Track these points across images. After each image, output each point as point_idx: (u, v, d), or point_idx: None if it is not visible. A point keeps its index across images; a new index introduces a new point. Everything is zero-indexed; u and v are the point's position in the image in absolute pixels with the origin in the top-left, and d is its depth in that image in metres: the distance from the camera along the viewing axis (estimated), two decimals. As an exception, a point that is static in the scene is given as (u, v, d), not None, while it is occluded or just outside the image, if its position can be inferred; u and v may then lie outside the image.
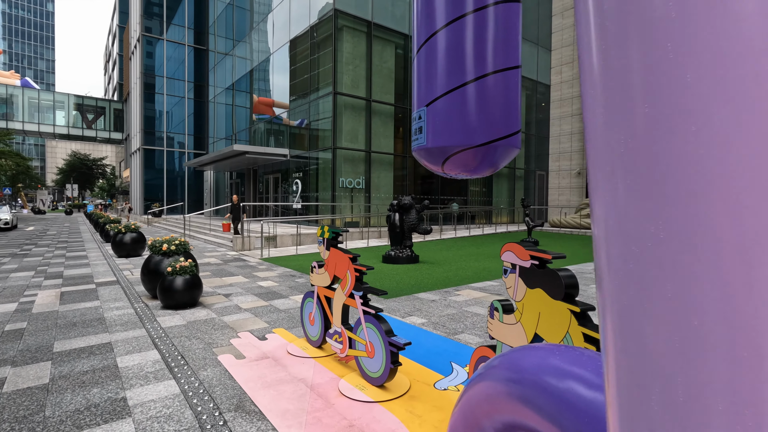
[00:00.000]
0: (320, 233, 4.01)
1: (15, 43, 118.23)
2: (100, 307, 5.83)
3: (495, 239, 15.46)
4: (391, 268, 9.08)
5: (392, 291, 6.82)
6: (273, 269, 9.05)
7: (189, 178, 33.08)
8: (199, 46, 32.82)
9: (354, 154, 16.67)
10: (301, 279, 7.91)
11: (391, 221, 9.80)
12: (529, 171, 24.76)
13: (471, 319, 5.16)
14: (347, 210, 16.55)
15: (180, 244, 6.35)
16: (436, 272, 8.57)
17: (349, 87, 16.48)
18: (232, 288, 7.04)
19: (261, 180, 22.68)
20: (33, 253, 11.88)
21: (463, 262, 10.02)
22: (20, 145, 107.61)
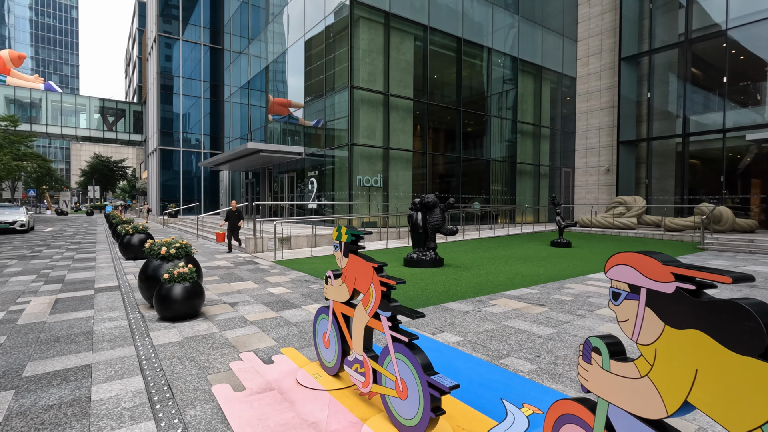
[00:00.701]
0: (336, 235, 3.24)
1: (41, 49, 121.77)
2: (92, 317, 5.21)
3: (521, 240, 14.49)
4: (413, 272, 8.29)
5: (418, 300, 6.03)
6: (286, 273, 8.36)
7: (205, 179, 32.93)
8: (214, 45, 32.63)
9: (371, 151, 15.93)
10: (316, 285, 7.19)
11: (414, 221, 9.00)
12: (554, 168, 23.60)
13: (515, 337, 4.33)
14: (364, 209, 15.82)
15: (181, 247, 5.70)
16: (465, 277, 7.74)
17: (366, 81, 15.75)
18: (240, 296, 6.36)
19: (276, 179, 22.17)
20: (42, 255, 11.50)
21: (492, 265, 9.16)
22: (46, 148, 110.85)
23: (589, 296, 6.25)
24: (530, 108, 22.07)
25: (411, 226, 9.11)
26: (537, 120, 22.36)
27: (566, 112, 24.08)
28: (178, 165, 32.18)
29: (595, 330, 4.59)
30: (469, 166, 19.62)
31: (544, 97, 22.80)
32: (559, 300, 6.00)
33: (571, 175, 24.29)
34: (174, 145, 32.16)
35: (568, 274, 8.07)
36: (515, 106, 21.18)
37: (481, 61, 19.97)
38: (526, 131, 21.85)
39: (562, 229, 12.69)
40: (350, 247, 3.08)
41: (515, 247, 12.53)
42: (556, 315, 5.19)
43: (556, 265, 9.27)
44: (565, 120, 24.05)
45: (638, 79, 20.74)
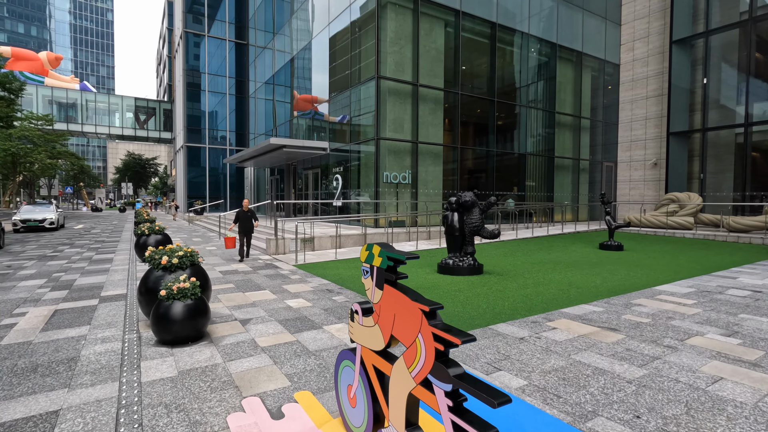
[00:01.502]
0: (366, 257, 2.33)
1: (79, 51, 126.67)
2: (85, 337, 4.53)
3: (564, 241, 13.23)
4: (450, 281, 7.32)
5: (460, 318, 5.07)
6: (307, 280, 7.55)
7: (231, 176, 32.83)
8: (239, 41, 32.36)
9: (399, 145, 14.98)
10: (340, 296, 6.33)
11: (449, 223, 8.02)
12: (594, 162, 21.96)
13: (596, 382, 3.32)
14: (392, 207, 14.90)
15: (185, 256, 4.95)
16: (510, 289, 6.71)
17: (393, 71, 14.78)
18: (254, 310, 5.58)
19: (300, 176, 21.56)
20: (62, 256, 11.18)
21: (538, 273, 8.07)
22: (85, 147, 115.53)
23: (669, 317, 5.12)
24: (569, 98, 20.52)
25: (446, 228, 8.13)
26: (576, 111, 20.80)
27: (608, 102, 22.36)
28: (204, 162, 32.19)
29: (699, 374, 3.52)
30: (503, 160, 18.36)
31: (585, 85, 21.18)
32: (634, 323, 4.91)
33: (613, 169, 22.58)
34: (200, 141, 32.16)
35: (632, 286, 6.90)
36: (553, 96, 19.71)
37: (517, 47, 18.62)
38: (564, 123, 20.34)
39: (613, 230, 11.39)
40: (386, 276, 2.17)
41: (559, 250, 11.33)
42: (639, 346, 4.13)
43: (613, 273, 8.08)
44: (607, 111, 22.33)
45: (692, 64, 18.87)
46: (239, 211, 10.01)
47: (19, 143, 26.10)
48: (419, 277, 7.73)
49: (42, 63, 51.07)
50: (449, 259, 7.98)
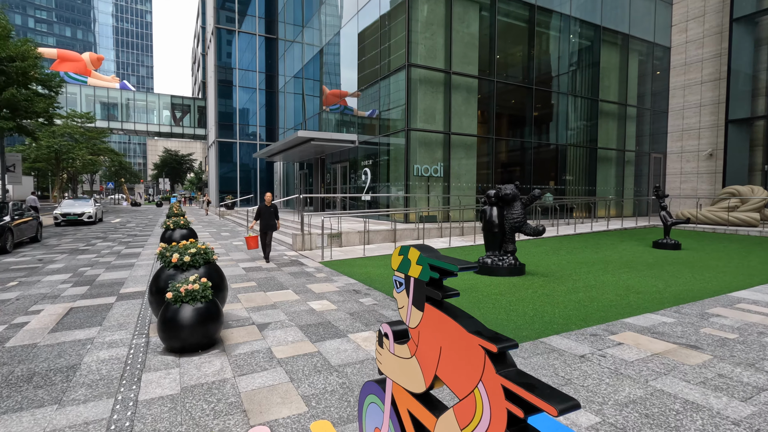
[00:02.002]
0: (399, 263, 1.72)
1: (121, 53, 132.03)
2: (92, 340, 4.18)
3: (611, 238, 12.16)
4: (489, 283, 6.62)
5: (504, 328, 4.41)
6: (333, 279, 7.05)
7: (261, 171, 33.02)
8: (269, 35, 32.35)
9: (430, 136, 14.26)
10: (368, 298, 5.77)
11: (487, 218, 7.30)
12: (641, 153, 20.41)
13: (692, 422, 2.59)
14: (422, 202, 14.23)
15: (198, 253, 4.52)
16: (559, 293, 5.95)
17: (425, 58, 14.05)
18: (274, 312, 5.11)
19: (329, 170, 21.20)
20: (92, 250, 11.22)
21: (588, 274, 7.23)
22: (126, 144, 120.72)
23: (760, 332, 4.26)
24: (614, 84, 19.09)
25: (483, 224, 7.41)
26: (622, 98, 19.34)
27: (657, 89, 20.70)
28: (235, 157, 32.51)
29: (830, 413, 2.72)
30: (540, 152, 17.27)
31: (631, 71, 19.65)
32: (718, 339, 4.08)
33: (661, 161, 20.95)
34: (231, 137, 32.48)
35: (702, 292, 5.98)
36: (596, 83, 18.36)
37: (557, 31, 17.41)
38: (608, 112, 18.95)
39: (669, 226, 10.27)
40: (428, 293, 1.56)
41: (607, 248, 10.34)
42: (734, 371, 3.34)
43: (675, 276, 7.13)
44: (655, 98, 20.68)
45: (755, 45, 17.08)
46: (261, 206, 8.88)
47: (62, 140, 27.14)
48: (460, 276, 7.07)
49: (85, 64, 53.27)
50: (487, 258, 7.27)
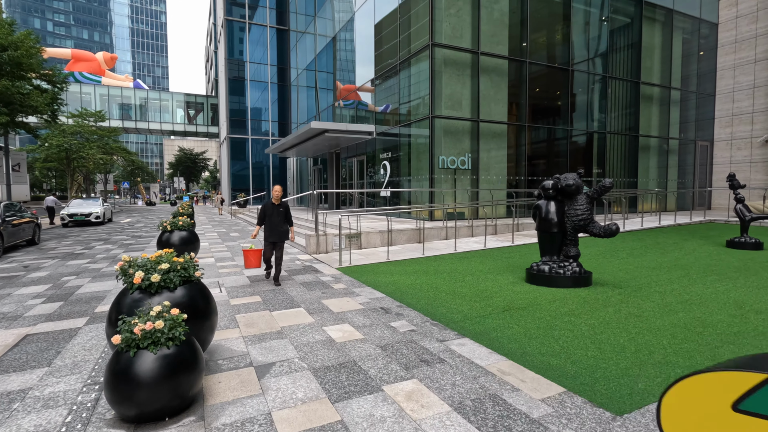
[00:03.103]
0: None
1: (137, 53, 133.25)
2: (27, 393, 2.98)
3: (672, 236, 10.59)
4: (551, 297, 5.25)
5: (607, 372, 3.04)
6: (354, 292, 5.77)
7: (274, 167, 32.00)
8: (281, 26, 31.21)
9: (456, 125, 12.86)
10: (401, 321, 4.46)
11: (543, 215, 5.91)
12: (685, 141, 18.57)
13: None
14: (449, 197, 12.86)
15: (173, 270, 3.28)
16: (650, 312, 4.54)
17: (450, 37, 12.63)
18: (280, 345, 3.84)
19: (344, 165, 19.94)
20: (88, 254, 10.20)
21: (670, 284, 5.79)
22: (144, 145, 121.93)
23: None
24: (656, 65, 17.31)
25: (538, 223, 6.01)
26: (665, 81, 17.54)
27: (702, 70, 18.80)
28: (247, 154, 31.56)
29: None
30: (577, 141, 15.67)
31: (675, 50, 17.82)
32: None
33: (708, 149, 19.07)
34: (243, 133, 31.52)
35: None
36: (637, 64, 16.63)
37: (595, 7, 15.74)
38: (650, 95, 17.19)
39: (748, 222, 8.69)
40: None
41: (672, 248, 8.81)
42: None
43: (787, 286, 5.63)
44: (701, 80, 18.79)
45: (822, 15, 15.13)
46: (267, 204, 6.32)
47: (72, 138, 26.54)
48: (505, 288, 5.71)
49: (99, 63, 53.19)
50: (544, 265, 5.88)
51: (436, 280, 6.34)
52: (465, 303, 5.10)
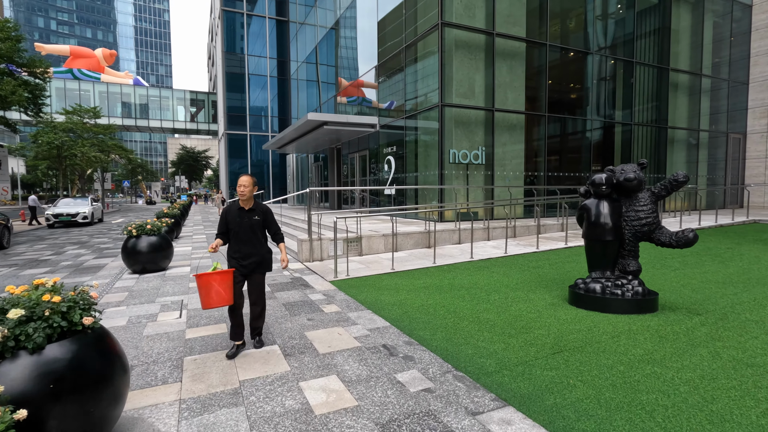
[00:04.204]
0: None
1: (141, 52, 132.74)
2: None
3: (719, 240, 9.18)
4: (611, 327, 3.91)
5: None
6: (349, 320, 4.47)
7: (274, 165, 30.78)
8: (280, 17, 29.93)
9: (469, 114, 11.51)
10: (412, 372, 3.15)
11: (593, 219, 4.56)
12: (715, 134, 17.07)
13: None
14: (461, 195, 11.53)
15: (34, 322, 1.99)
16: (761, 353, 3.20)
17: (461, 15, 11.28)
18: (229, 419, 2.54)
19: (345, 161, 18.64)
20: (52, 261, 9.00)
21: (759, 309, 4.44)
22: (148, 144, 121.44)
23: None
24: (685, 50, 15.83)
25: (587, 229, 4.67)
26: (695, 67, 16.06)
27: (735, 56, 17.28)
28: (246, 150, 30.37)
29: None
30: (601, 132, 14.25)
31: (706, 34, 16.32)
32: None
33: (740, 142, 17.57)
34: (242, 129, 30.31)
35: None
36: (666, 50, 15.17)
37: (620, -15, 14.30)
38: (679, 83, 15.72)
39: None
40: None
41: (730, 255, 7.42)
42: None
43: None
44: (733, 67, 17.27)
45: None
46: (229, 210, 3.76)
47: (64, 135, 25.46)
48: (545, 313, 4.39)
49: (98, 60, 52.26)
50: (594, 282, 4.55)
51: (453, 300, 5.03)
52: (497, 337, 3.79)
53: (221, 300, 3.33)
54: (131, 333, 4.14)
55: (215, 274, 3.33)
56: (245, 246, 3.67)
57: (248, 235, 3.68)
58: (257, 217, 3.72)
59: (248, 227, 3.68)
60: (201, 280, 3.28)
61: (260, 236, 3.74)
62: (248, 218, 3.69)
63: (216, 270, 3.40)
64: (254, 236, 3.70)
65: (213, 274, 3.32)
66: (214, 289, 3.29)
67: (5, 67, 15.47)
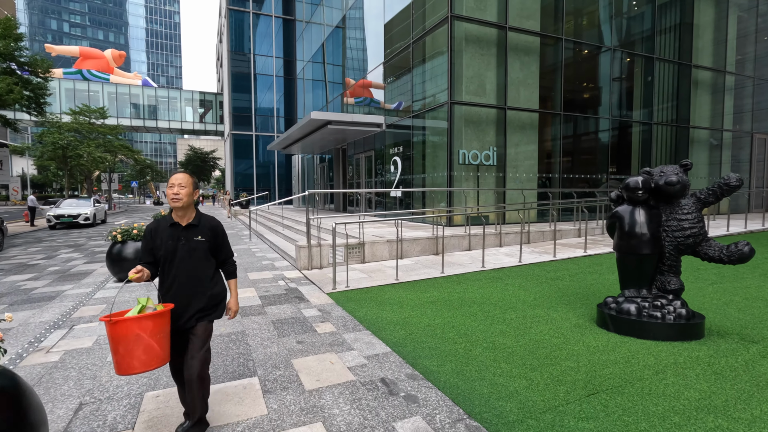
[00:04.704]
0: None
1: (151, 54, 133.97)
2: None
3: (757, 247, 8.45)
4: (653, 365, 3.29)
5: None
6: (344, 343, 3.90)
7: (280, 165, 30.39)
8: (287, 16, 29.55)
9: (480, 112, 10.91)
10: (415, 418, 2.57)
11: (627, 228, 3.94)
12: (740, 133, 16.23)
13: None
14: (471, 198, 10.91)
15: None
16: None
17: (472, 8, 10.68)
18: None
19: (351, 162, 18.11)
20: (40, 266, 8.57)
21: (830, 335, 3.78)
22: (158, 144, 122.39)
23: None
24: (708, 47, 15.05)
25: (619, 240, 4.04)
26: (719, 64, 15.26)
27: (761, 52, 16.42)
28: (251, 151, 30.02)
29: None
30: (619, 132, 13.53)
31: (730, 30, 15.51)
32: None
33: (766, 143, 16.69)
34: (247, 129, 29.97)
35: None
36: (689, 46, 14.41)
37: (639, -23, 13.59)
38: (702, 81, 14.95)
39: None
40: None
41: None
42: None
43: None
44: (758, 63, 16.42)
45: None
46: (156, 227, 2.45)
47: (69, 135, 25.31)
48: (571, 339, 3.77)
49: (107, 61, 52.48)
50: (629, 303, 3.93)
51: (464, 319, 4.44)
52: (517, 370, 3.19)
53: (153, 359, 2.07)
54: (93, 358, 3.62)
55: (143, 319, 2.05)
56: (183, 286, 2.36)
57: (186, 267, 2.37)
58: (201, 238, 2.42)
59: (186, 254, 2.37)
60: (117, 330, 2.00)
61: (206, 267, 2.44)
62: (186, 239, 2.38)
63: (145, 311, 2.14)
64: (197, 268, 2.40)
65: (138, 320, 2.04)
66: (143, 344, 2.03)
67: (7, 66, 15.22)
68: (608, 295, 5.21)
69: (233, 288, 2.61)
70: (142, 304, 2.17)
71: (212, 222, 2.52)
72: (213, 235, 2.49)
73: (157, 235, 2.40)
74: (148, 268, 2.36)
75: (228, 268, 2.62)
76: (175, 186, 2.37)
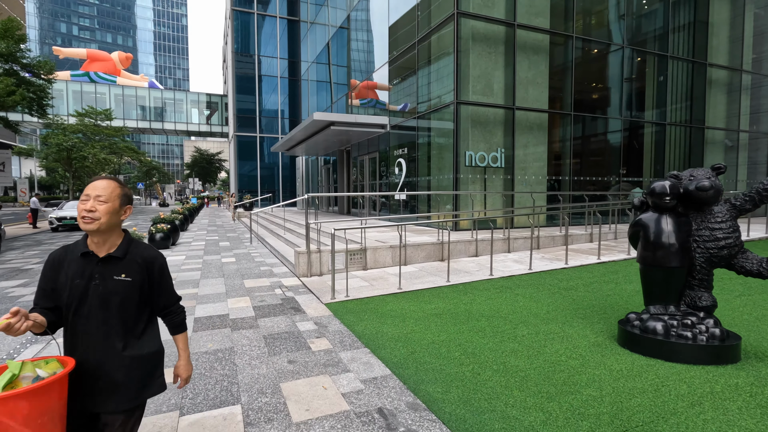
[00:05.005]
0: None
1: (159, 56, 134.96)
2: None
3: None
4: (687, 397, 2.91)
5: None
6: (340, 363, 3.56)
7: (284, 167, 30.18)
8: (291, 17, 29.37)
9: (487, 113, 10.54)
10: (416, 462, 2.22)
11: (652, 238, 3.56)
12: (756, 134, 15.69)
13: None
14: (478, 201, 10.54)
15: None
16: None
17: (479, 5, 10.33)
18: None
19: (355, 163, 17.80)
20: (33, 272, 8.35)
21: None
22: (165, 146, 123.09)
23: None
24: (724, 45, 14.57)
25: (643, 251, 3.66)
26: (734, 63, 14.76)
27: (777, 51, 15.87)
28: (255, 153, 29.85)
29: None
30: (632, 133, 13.08)
31: (747, 27, 15.00)
32: None
33: (784, 145, 16.12)
34: (252, 131, 29.80)
35: None
36: (703, 43, 13.93)
37: (652, -27, 13.16)
38: (717, 80, 14.46)
39: None
40: None
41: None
42: None
43: None
44: None
45: None
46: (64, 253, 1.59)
47: (74, 137, 25.30)
48: (590, 361, 3.40)
49: (114, 63, 52.75)
50: (654, 320, 3.54)
51: (471, 336, 4.08)
52: (531, 399, 2.83)
53: None
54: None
55: (11, 400, 1.21)
56: (93, 347, 1.56)
57: (99, 319, 1.56)
58: (125, 276, 1.59)
59: (101, 300, 1.56)
60: None
61: (130, 320, 1.62)
62: (102, 278, 1.57)
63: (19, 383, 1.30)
64: (111, 321, 1.57)
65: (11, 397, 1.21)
66: None
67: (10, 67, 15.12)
68: (627, 308, 4.82)
69: (182, 346, 1.79)
70: (12, 372, 1.29)
71: (147, 253, 1.66)
72: (146, 274, 1.64)
73: (61, 269, 1.57)
74: (48, 315, 1.52)
75: (173, 319, 1.77)
76: (90, 199, 1.53)
